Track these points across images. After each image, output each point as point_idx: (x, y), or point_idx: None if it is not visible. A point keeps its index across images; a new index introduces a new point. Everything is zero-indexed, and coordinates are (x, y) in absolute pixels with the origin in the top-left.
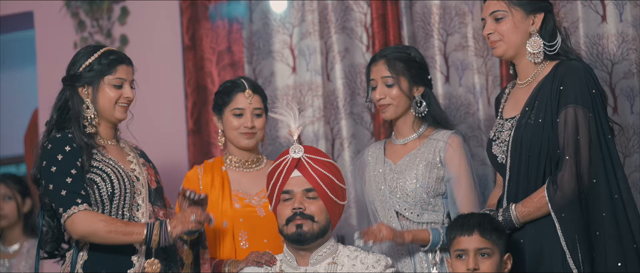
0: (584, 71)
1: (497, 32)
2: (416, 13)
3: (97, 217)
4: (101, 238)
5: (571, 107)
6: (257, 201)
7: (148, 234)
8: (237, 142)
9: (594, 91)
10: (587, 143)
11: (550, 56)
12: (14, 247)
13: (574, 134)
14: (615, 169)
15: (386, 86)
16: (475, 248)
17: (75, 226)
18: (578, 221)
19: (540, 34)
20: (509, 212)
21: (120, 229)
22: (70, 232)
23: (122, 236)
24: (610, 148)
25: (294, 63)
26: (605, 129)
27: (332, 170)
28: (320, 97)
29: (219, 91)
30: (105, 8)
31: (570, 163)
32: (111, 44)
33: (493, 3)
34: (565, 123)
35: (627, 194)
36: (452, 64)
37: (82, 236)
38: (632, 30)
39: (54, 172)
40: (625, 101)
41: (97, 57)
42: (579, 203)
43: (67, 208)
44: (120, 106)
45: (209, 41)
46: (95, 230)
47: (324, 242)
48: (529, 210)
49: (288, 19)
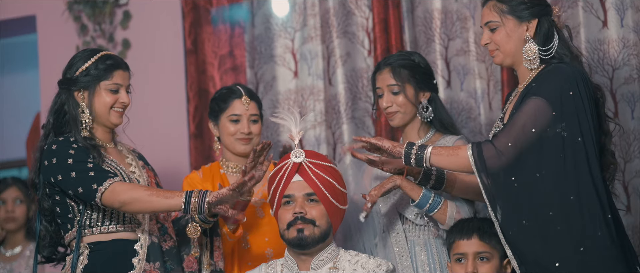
0: (565, 72)
1: (492, 41)
2: (418, 18)
3: (135, 185)
4: (144, 202)
5: (534, 98)
6: (256, 202)
7: (186, 200)
8: (234, 148)
9: (572, 92)
10: (526, 130)
11: (547, 59)
12: (15, 250)
13: (523, 119)
14: (578, 172)
15: (392, 93)
16: (474, 252)
17: (116, 194)
18: (497, 192)
19: (536, 40)
20: (423, 151)
21: (161, 193)
22: (109, 203)
23: (164, 200)
24: (576, 150)
25: (296, 67)
26: (583, 131)
27: (334, 175)
28: (321, 101)
29: (214, 97)
30: (107, 12)
31: (500, 137)
32: (113, 47)
33: (487, 13)
34: (520, 109)
35: (587, 197)
36: (453, 68)
37: (123, 202)
38: (633, 35)
39: (72, 163)
40: (626, 106)
41: (94, 62)
42: (502, 177)
43: (103, 181)
44: (115, 110)
45: (211, 44)
46: (138, 194)
47: (325, 246)
48: (442, 154)
49: (290, 23)
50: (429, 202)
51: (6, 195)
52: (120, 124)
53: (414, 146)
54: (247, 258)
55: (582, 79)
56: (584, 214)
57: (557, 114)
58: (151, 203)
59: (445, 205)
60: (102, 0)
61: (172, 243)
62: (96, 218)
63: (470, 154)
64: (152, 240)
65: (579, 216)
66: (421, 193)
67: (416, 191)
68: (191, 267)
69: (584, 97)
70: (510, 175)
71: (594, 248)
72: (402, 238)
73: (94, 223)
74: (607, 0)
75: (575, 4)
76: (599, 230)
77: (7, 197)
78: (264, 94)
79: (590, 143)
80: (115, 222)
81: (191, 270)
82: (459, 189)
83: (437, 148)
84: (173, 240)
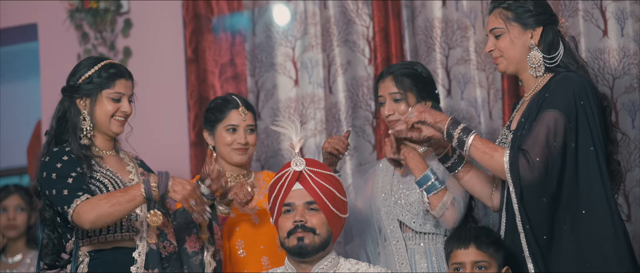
0: (575, 82)
1: (497, 48)
2: (418, 27)
3: (97, 199)
4: (108, 215)
5: (550, 111)
6: (250, 210)
7: (146, 188)
8: (230, 158)
9: (582, 102)
10: (549, 144)
11: (552, 68)
12: (15, 258)
13: (545, 132)
14: (591, 183)
15: (394, 101)
16: (472, 261)
17: (81, 217)
18: (526, 204)
19: (540, 48)
20: (466, 137)
21: (122, 199)
22: (80, 225)
23: (126, 204)
24: (589, 160)
25: (297, 76)
26: (595, 140)
27: (334, 183)
28: (322, 110)
29: (211, 107)
30: (108, 20)
31: (529, 151)
32: (114, 56)
33: (492, 20)
34: (539, 121)
35: (598, 209)
36: (454, 77)
37: (92, 223)
38: (633, 45)
39: (55, 178)
40: (626, 115)
41: (97, 70)
42: (538, 186)
43: (71, 203)
44: (116, 119)
45: (212, 53)
46: (100, 211)
47: (325, 254)
48: (479, 148)
49: (291, 32)
50: (429, 182)
51: (8, 203)
52: (121, 133)
53: (458, 127)
54: (243, 265)
55: (591, 89)
56: (594, 226)
57: (572, 126)
58: (116, 212)
59: (443, 192)
60: (103, 9)
61: (172, 249)
62: None
63: (506, 160)
64: (150, 247)
65: (589, 231)
66: (425, 172)
67: (420, 169)
68: (194, 247)
69: (593, 107)
70: (539, 189)
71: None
72: (402, 247)
73: (92, 233)
74: (607, 10)
75: (575, 13)
76: (608, 242)
77: (9, 205)
78: (264, 102)
79: (600, 153)
80: (113, 231)
81: (194, 249)
82: (467, 180)
83: (477, 140)
84: (173, 246)
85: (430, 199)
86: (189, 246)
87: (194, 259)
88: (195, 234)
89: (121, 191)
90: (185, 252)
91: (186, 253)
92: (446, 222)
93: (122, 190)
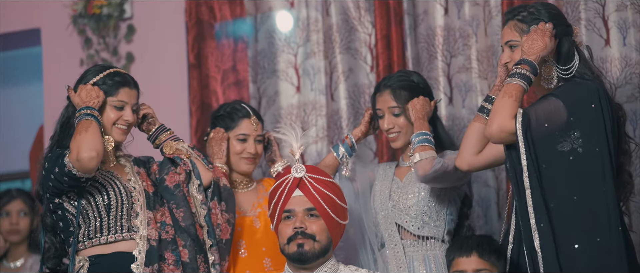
0: (588, 86)
1: (513, 60)
2: (420, 34)
3: (72, 142)
4: (90, 139)
5: (552, 98)
6: (252, 213)
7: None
8: (238, 166)
9: (593, 105)
10: (539, 121)
11: (566, 79)
12: (17, 262)
13: (537, 109)
14: (593, 182)
15: (393, 115)
16: (473, 269)
17: (76, 157)
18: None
19: (556, 59)
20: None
21: (83, 125)
22: (83, 166)
23: (90, 124)
24: (592, 162)
25: (299, 82)
26: (601, 143)
27: (334, 190)
28: (324, 116)
29: (220, 114)
30: (111, 26)
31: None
32: (117, 61)
33: (508, 32)
34: (540, 102)
35: (598, 206)
36: (455, 85)
37: (89, 157)
38: (635, 54)
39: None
40: (628, 125)
41: (102, 77)
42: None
43: (64, 158)
44: (117, 127)
45: (214, 59)
46: (80, 141)
47: (325, 261)
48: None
49: (293, 39)
50: (420, 137)
51: (10, 207)
52: (122, 141)
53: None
54: (244, 266)
55: (604, 96)
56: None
57: (573, 120)
58: (91, 134)
59: (431, 151)
60: (106, 14)
61: (173, 232)
62: (95, 228)
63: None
64: (150, 244)
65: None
66: (423, 129)
67: (421, 126)
68: (173, 181)
69: (605, 112)
70: (551, 141)
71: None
72: (400, 251)
73: (93, 235)
74: (609, 19)
75: (578, 23)
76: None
77: (12, 209)
78: (266, 108)
79: (606, 158)
80: (114, 231)
81: (175, 183)
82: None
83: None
84: (172, 227)
85: (417, 147)
86: (169, 182)
87: (177, 192)
88: (173, 171)
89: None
90: (168, 189)
91: (168, 190)
92: (417, 170)
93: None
